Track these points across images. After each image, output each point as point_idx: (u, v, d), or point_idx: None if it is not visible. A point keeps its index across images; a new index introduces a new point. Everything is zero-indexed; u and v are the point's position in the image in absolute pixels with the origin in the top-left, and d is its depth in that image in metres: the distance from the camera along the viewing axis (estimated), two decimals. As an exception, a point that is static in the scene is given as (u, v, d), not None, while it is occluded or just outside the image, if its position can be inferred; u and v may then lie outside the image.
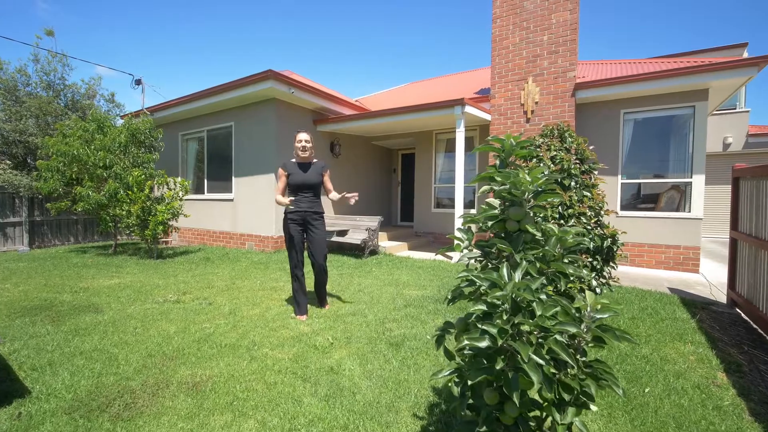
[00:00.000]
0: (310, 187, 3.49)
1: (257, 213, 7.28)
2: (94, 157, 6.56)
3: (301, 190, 3.47)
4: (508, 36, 7.06)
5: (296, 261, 3.49)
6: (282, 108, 7.10)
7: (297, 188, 3.46)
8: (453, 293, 1.38)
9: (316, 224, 3.52)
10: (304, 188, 3.47)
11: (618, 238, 3.09)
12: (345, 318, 3.40)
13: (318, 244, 3.52)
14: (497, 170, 1.43)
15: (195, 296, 4.12)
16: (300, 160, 3.53)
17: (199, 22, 67.01)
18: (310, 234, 3.52)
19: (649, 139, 6.48)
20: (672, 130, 6.39)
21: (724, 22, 59.83)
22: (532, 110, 6.80)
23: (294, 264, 3.49)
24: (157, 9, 48.89)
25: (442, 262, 6.04)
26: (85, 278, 5.02)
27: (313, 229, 3.52)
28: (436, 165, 8.72)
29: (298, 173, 3.48)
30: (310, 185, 3.49)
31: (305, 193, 3.48)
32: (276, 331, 3.10)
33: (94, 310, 3.67)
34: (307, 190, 3.48)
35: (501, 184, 1.34)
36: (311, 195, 3.51)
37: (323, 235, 3.57)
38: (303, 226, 3.50)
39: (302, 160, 3.53)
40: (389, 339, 2.93)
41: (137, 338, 2.95)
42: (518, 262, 1.19)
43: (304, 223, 3.50)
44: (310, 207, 3.49)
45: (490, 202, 1.37)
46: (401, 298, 4.03)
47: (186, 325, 3.22)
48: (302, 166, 3.51)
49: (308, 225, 3.51)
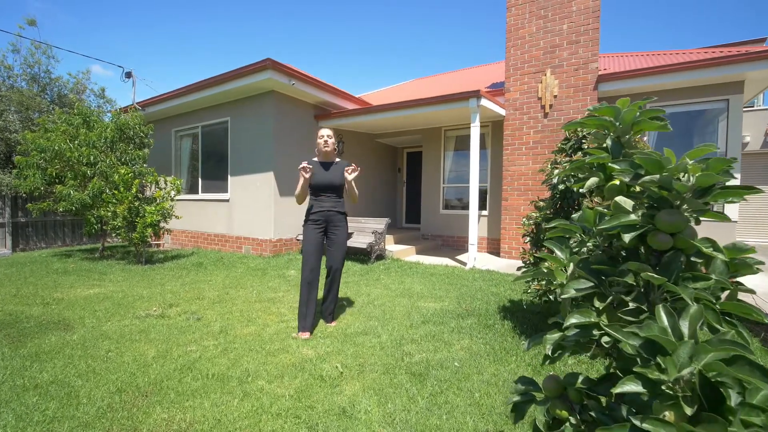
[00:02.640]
0: (334, 189, 3.17)
1: (254, 214, 6.78)
2: (77, 152, 6.06)
3: (323, 191, 3.15)
4: (524, 25, 6.59)
5: (312, 266, 3.07)
6: (281, 102, 6.61)
7: (319, 189, 3.14)
8: (551, 344, 0.88)
9: (338, 224, 3.20)
10: (327, 189, 3.15)
11: None
12: (355, 338, 2.91)
13: (339, 246, 3.21)
14: (610, 153, 0.95)
15: (182, 309, 3.62)
16: (323, 159, 3.21)
17: (198, 22, 66.52)
18: (332, 236, 3.20)
19: (677, 136, 6.02)
20: (703, 126, 5.94)
21: (724, 21, 59.71)
22: (551, 104, 6.33)
23: (309, 269, 3.06)
24: (157, 9, 48.39)
25: (455, 269, 5.56)
26: (61, 287, 4.52)
27: (336, 230, 3.20)
28: (444, 164, 8.24)
29: (321, 172, 3.13)
30: (334, 186, 3.15)
31: (329, 194, 3.16)
32: (274, 355, 2.61)
33: (64, 327, 3.17)
34: (331, 191, 3.16)
35: (631, 174, 0.85)
36: (335, 196, 3.19)
37: (345, 238, 3.25)
38: (324, 227, 3.17)
39: (325, 159, 3.21)
40: (410, 367, 2.44)
41: (108, 366, 2.46)
42: (689, 305, 0.71)
43: (325, 224, 3.16)
44: (333, 206, 3.17)
45: (621, 202, 0.87)
46: (417, 312, 3.55)
47: (168, 348, 2.72)
48: (324, 165, 3.18)
49: (330, 226, 3.18)
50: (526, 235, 3.10)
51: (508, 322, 3.22)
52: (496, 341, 2.85)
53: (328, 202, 3.16)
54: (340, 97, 7.40)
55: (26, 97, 8.30)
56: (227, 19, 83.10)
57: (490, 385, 2.23)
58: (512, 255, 6.71)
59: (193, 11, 59.73)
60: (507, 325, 3.17)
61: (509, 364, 2.50)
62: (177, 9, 54.12)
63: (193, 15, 59.53)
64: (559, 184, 2.65)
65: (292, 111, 6.76)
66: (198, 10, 61.00)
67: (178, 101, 7.39)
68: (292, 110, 6.77)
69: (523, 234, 3.12)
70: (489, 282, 4.71)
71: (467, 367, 2.45)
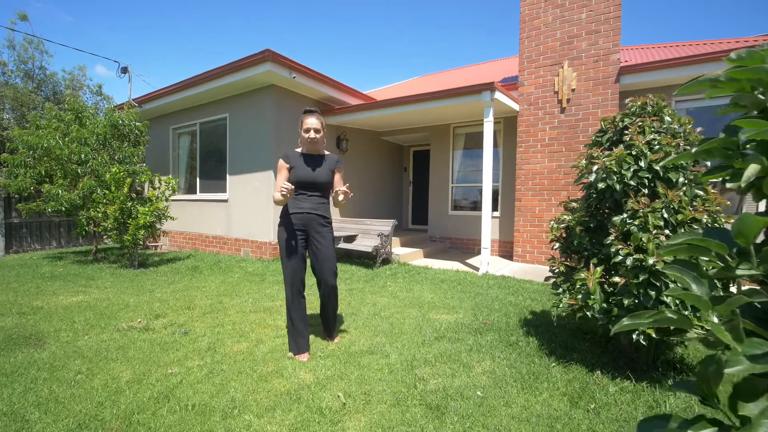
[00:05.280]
0: (318, 187, 2.64)
1: (254, 216, 6.45)
2: (68, 150, 5.76)
3: (306, 189, 2.61)
4: (539, 15, 6.20)
5: (294, 281, 2.59)
6: (282, 96, 6.28)
7: (301, 187, 2.60)
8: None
9: (322, 232, 2.65)
10: (310, 187, 2.61)
11: None
12: (360, 358, 2.55)
13: (325, 257, 2.64)
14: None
15: (169, 321, 3.28)
16: (307, 151, 2.66)
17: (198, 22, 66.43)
18: (315, 244, 2.64)
19: (705, 131, 5.60)
20: (728, 122, 5.52)
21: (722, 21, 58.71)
22: (568, 99, 5.93)
23: (291, 285, 2.59)
24: (156, 9, 48.33)
25: (467, 274, 5.18)
26: (44, 294, 4.20)
27: (319, 238, 2.64)
28: (453, 163, 7.86)
29: (303, 167, 2.60)
30: (319, 184, 2.63)
31: (311, 193, 2.63)
32: (267, 380, 2.25)
33: (35, 341, 2.84)
34: (314, 190, 2.63)
35: None
36: (318, 196, 2.66)
37: (331, 247, 2.69)
38: (305, 233, 2.64)
39: (310, 151, 2.66)
40: (424, 397, 2.07)
41: (74, 392, 2.12)
42: None
43: (306, 230, 2.63)
44: (314, 208, 2.62)
45: None
46: (429, 325, 3.18)
47: (146, 370, 2.38)
48: (310, 158, 2.64)
49: (312, 232, 2.64)
50: (554, 240, 2.73)
51: (533, 339, 2.85)
52: (522, 363, 2.47)
53: (308, 202, 2.61)
54: (344, 93, 7.04)
55: (21, 93, 8.02)
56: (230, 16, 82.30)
57: (521, 421, 1.86)
58: (526, 259, 6.31)
59: (193, 10, 59.56)
60: (532, 342, 2.79)
61: (541, 393, 2.13)
62: (174, 9, 54.05)
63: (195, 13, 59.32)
64: (599, 181, 2.27)
65: (294, 107, 6.42)
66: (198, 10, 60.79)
67: (175, 97, 7.07)
68: (294, 106, 6.43)
69: (551, 239, 2.75)
70: (505, 290, 4.33)
71: (492, 396, 2.08)
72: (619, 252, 2.15)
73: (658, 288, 2.09)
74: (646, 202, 2.16)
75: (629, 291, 2.15)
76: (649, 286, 2.09)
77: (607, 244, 2.24)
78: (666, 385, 2.16)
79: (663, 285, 2.09)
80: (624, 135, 2.40)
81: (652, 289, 2.08)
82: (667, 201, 2.12)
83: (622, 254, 2.14)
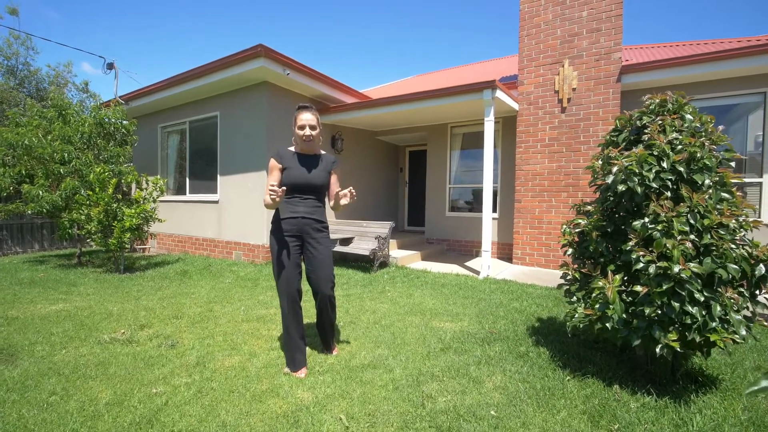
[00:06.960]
0: (314, 190, 2.44)
1: (246, 217, 6.23)
2: (50, 148, 5.48)
3: (300, 192, 2.41)
4: (539, 12, 6.08)
5: (290, 290, 2.37)
6: (275, 94, 6.07)
7: (296, 189, 2.39)
8: None
9: (318, 237, 2.45)
10: (305, 190, 2.41)
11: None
12: (362, 373, 2.37)
13: (322, 265, 2.44)
14: None
15: (155, 332, 3.06)
16: (302, 150, 2.46)
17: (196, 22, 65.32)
18: (311, 251, 2.44)
19: (724, 131, 5.53)
20: (735, 122, 5.46)
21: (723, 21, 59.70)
22: (569, 98, 5.83)
23: (287, 294, 2.37)
24: (156, 9, 47.46)
25: (468, 278, 5.03)
26: (21, 302, 3.95)
27: (315, 244, 2.44)
28: (451, 163, 7.71)
29: (298, 168, 2.39)
30: (315, 187, 2.43)
31: (306, 196, 2.43)
32: (261, 401, 2.06)
33: (7, 357, 2.61)
34: (309, 193, 2.43)
35: None
36: (314, 199, 2.46)
37: (328, 254, 2.48)
38: (300, 239, 2.44)
39: (305, 151, 2.46)
40: (434, 418, 1.90)
41: (45, 417, 1.90)
42: None
43: (301, 236, 2.43)
44: (310, 213, 2.41)
45: None
46: (433, 335, 3.01)
47: (128, 389, 2.17)
48: (304, 158, 2.44)
49: (307, 238, 2.44)
50: (567, 245, 2.58)
51: (543, 350, 2.70)
52: (535, 377, 2.32)
53: (303, 206, 2.41)
54: (339, 90, 6.85)
55: (2, 90, 7.68)
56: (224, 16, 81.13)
57: (541, 446, 1.70)
58: (526, 261, 6.19)
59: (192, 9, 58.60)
60: (543, 353, 2.64)
61: (559, 411, 1.97)
62: (171, 9, 53.19)
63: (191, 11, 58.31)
64: (618, 183, 2.12)
65: (287, 104, 6.21)
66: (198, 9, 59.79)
67: (164, 94, 6.82)
68: (288, 104, 6.22)
69: (563, 244, 2.60)
70: (509, 295, 4.19)
71: (507, 416, 1.92)
72: (640, 259, 2.01)
73: (682, 298, 1.95)
74: (670, 205, 2.02)
75: (651, 300, 2.01)
76: (673, 296, 1.95)
77: (627, 250, 2.09)
78: (690, 400, 2.02)
79: (687, 294, 1.95)
80: (642, 134, 2.26)
81: (677, 300, 1.94)
82: (692, 204, 1.98)
83: (644, 261, 1.99)
